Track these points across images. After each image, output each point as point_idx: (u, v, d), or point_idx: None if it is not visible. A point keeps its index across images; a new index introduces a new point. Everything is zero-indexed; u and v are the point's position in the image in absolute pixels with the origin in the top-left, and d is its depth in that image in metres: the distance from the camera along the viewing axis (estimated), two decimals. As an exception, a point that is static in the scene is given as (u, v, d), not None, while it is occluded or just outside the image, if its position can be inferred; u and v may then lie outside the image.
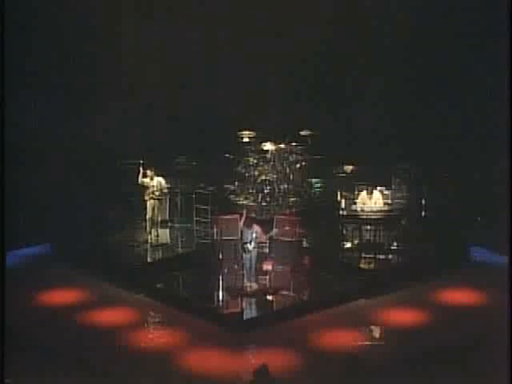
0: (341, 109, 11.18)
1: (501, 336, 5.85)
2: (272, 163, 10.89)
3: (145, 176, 10.38)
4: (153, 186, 10.36)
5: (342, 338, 8.29)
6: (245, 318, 8.63)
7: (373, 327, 8.67)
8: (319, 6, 11.15)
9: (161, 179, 10.47)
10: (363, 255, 10.19)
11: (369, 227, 10.44)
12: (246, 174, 10.80)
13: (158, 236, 10.55)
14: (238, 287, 9.20)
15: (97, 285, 9.46)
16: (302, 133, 10.95)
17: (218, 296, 9.13)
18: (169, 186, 10.60)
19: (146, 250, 10.41)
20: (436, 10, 10.93)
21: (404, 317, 8.83)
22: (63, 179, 10.31)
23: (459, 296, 9.53)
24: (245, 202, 10.61)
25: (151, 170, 10.31)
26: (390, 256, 10.27)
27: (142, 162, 10.33)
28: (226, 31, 10.91)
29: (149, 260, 10.21)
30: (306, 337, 8.30)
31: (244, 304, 8.94)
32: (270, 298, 9.21)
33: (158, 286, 9.50)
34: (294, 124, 11.02)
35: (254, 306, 9.04)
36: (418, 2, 11.03)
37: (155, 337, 8.26)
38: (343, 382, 7.04)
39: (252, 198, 10.68)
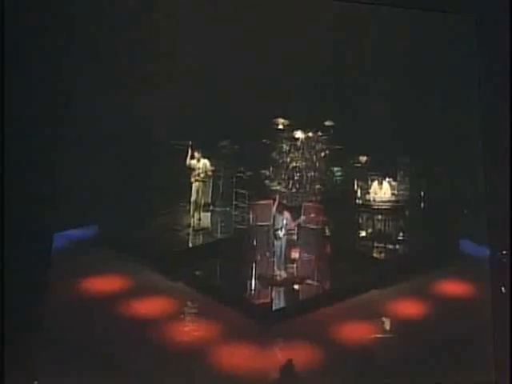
0: (357, 102, 11.46)
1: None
2: (301, 151, 11.33)
3: (192, 158, 10.68)
4: (199, 168, 10.67)
5: (363, 330, 8.62)
6: (273, 308, 8.89)
7: (389, 318, 9.01)
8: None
9: (206, 161, 10.77)
10: (376, 244, 10.79)
11: (380, 217, 11.09)
12: (280, 161, 11.22)
13: (200, 220, 10.78)
14: (268, 276, 9.47)
15: (137, 271, 9.50)
16: (326, 123, 11.32)
17: (251, 285, 9.39)
18: (213, 168, 10.87)
19: (189, 234, 10.59)
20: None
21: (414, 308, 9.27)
22: (110, 162, 10.38)
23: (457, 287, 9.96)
24: (277, 188, 10.98)
25: (198, 152, 10.62)
26: (397, 246, 10.84)
27: (191, 143, 10.61)
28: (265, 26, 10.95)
29: (190, 245, 10.39)
30: (331, 329, 8.49)
31: (273, 294, 9.22)
32: (296, 287, 9.57)
33: (197, 273, 9.67)
34: (319, 114, 11.31)
35: (281, 296, 9.34)
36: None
37: (190, 329, 8.37)
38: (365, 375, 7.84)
39: (284, 184, 11.09)
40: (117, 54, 10.51)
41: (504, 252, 9.36)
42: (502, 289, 9.15)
